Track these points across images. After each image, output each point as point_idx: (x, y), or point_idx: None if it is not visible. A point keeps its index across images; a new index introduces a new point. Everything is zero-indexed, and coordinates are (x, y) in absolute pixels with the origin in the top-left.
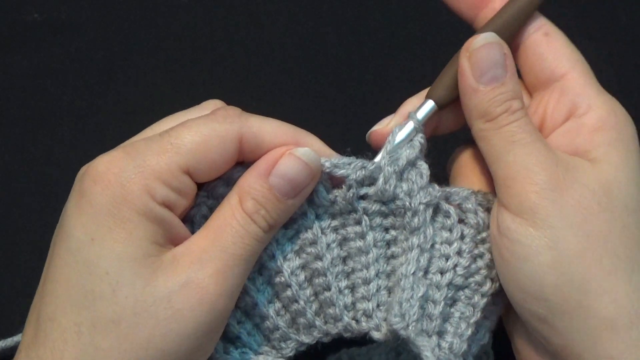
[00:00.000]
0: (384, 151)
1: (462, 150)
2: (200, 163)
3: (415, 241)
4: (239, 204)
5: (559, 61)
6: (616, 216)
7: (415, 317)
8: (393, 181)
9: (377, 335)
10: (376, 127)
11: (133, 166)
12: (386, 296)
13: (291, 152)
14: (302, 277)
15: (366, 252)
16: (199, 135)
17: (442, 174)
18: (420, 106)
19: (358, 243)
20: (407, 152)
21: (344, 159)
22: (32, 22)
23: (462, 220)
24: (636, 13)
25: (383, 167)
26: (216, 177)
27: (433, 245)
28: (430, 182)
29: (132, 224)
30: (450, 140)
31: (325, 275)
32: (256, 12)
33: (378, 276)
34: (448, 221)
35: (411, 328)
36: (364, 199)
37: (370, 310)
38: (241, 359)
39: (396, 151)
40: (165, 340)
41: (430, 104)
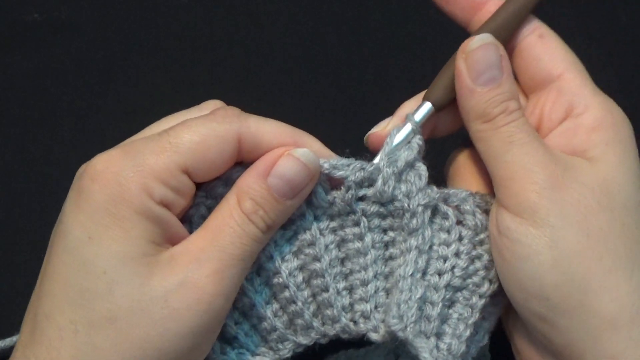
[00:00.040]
0: (383, 153)
1: (460, 151)
2: (199, 163)
3: (413, 242)
4: (238, 204)
5: (555, 62)
6: (615, 215)
7: (413, 319)
8: (392, 183)
9: (375, 336)
10: (374, 130)
11: (131, 165)
12: (384, 297)
13: (290, 153)
14: (300, 278)
15: (364, 254)
16: (198, 135)
17: (440, 176)
18: (417, 108)
19: (356, 244)
20: (406, 154)
21: (343, 160)
22: (32, 22)
23: (460, 221)
24: (636, 13)
25: (382, 169)
26: (215, 177)
27: (431, 246)
28: (428, 184)
29: (130, 223)
30: (448, 141)
31: (323, 276)
32: (256, 12)
33: (376, 277)
34: (446, 223)
35: (409, 329)
36: (363, 201)
37: (368, 311)
38: None
39: (394, 153)
40: (161, 339)
41: (427, 106)
